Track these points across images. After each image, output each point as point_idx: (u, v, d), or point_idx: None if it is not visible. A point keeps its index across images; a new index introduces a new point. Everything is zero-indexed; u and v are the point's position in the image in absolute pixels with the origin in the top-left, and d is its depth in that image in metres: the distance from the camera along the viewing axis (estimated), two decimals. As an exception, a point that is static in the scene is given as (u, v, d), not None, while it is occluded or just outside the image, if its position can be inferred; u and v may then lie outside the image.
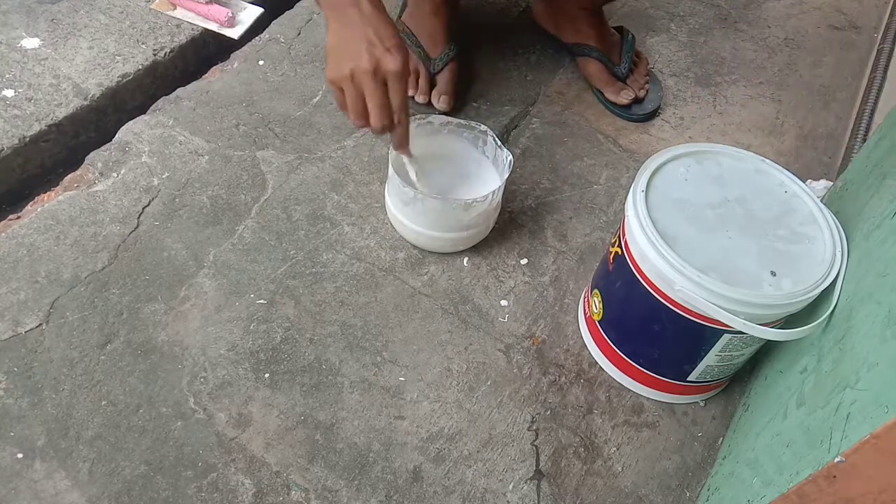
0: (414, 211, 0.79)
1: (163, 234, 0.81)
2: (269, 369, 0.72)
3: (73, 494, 0.62)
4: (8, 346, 0.70)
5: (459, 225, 0.79)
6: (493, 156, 0.85)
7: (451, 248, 0.84)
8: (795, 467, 0.51)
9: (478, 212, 0.78)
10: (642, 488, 0.70)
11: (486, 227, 0.84)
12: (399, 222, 0.82)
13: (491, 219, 0.83)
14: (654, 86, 1.06)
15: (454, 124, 0.85)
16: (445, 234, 0.81)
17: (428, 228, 0.80)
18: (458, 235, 0.81)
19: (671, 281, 0.62)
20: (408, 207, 0.79)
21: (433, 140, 0.85)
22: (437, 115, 0.84)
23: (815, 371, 0.59)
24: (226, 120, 0.93)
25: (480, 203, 0.76)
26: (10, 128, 0.87)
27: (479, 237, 0.84)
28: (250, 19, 1.07)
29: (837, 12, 1.32)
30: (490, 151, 0.85)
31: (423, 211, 0.78)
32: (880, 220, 0.61)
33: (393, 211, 0.82)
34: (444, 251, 0.84)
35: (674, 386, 0.73)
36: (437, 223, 0.79)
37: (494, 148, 0.83)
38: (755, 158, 0.71)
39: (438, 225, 0.79)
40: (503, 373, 0.76)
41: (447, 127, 0.85)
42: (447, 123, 0.84)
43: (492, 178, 0.85)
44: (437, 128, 0.85)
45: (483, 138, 0.84)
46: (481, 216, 0.80)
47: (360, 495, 0.65)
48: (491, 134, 0.83)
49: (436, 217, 0.79)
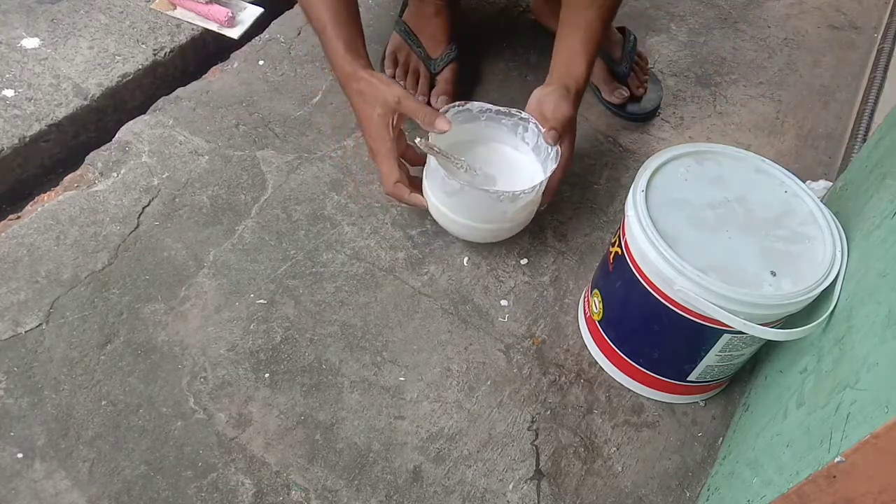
0: (458, 202, 0.77)
1: (163, 234, 0.81)
2: (269, 369, 0.72)
3: (73, 494, 0.62)
4: (8, 346, 0.70)
5: (504, 216, 0.78)
6: (535, 143, 0.82)
7: (493, 239, 0.83)
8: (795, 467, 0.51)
9: (523, 203, 0.77)
10: (642, 488, 0.70)
11: (528, 217, 0.82)
12: (440, 213, 0.80)
13: (534, 209, 0.82)
14: (653, 86, 1.06)
15: (493, 111, 0.82)
16: (487, 226, 0.79)
17: (470, 219, 0.78)
18: (501, 227, 0.80)
19: (671, 281, 0.62)
20: (451, 199, 0.77)
21: (471, 127, 0.83)
22: (476, 102, 0.82)
23: (815, 371, 0.59)
24: (226, 120, 0.93)
25: (527, 194, 0.75)
26: (10, 128, 0.87)
27: (520, 227, 0.83)
28: (250, 19, 1.07)
29: (837, 12, 1.32)
30: (531, 138, 0.82)
31: (467, 202, 0.76)
32: (880, 220, 0.61)
33: (434, 201, 0.80)
34: (483, 241, 0.84)
35: (674, 386, 0.73)
36: (481, 214, 0.78)
37: (536, 135, 0.80)
38: (755, 158, 0.71)
39: (481, 216, 0.78)
40: (503, 373, 0.76)
41: (486, 114, 0.82)
42: (486, 110, 0.82)
43: (532, 165, 0.83)
44: (475, 114, 0.82)
45: (524, 125, 0.82)
46: (526, 207, 0.79)
47: (360, 495, 0.65)
48: (532, 121, 0.80)
49: (480, 208, 0.77)
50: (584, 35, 0.82)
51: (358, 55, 0.78)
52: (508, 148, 0.85)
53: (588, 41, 0.82)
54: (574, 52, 0.82)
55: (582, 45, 0.82)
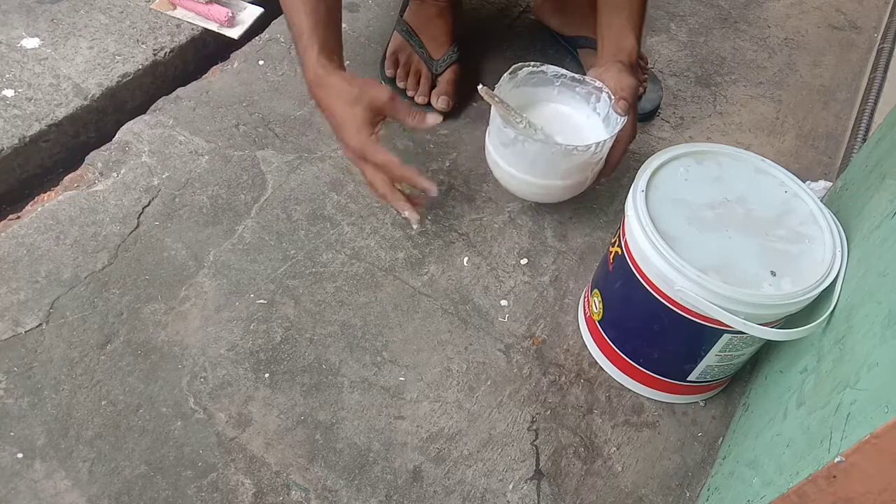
0: (513, 153, 0.76)
1: (163, 234, 0.81)
2: (269, 369, 0.72)
3: (73, 494, 0.62)
4: (8, 346, 0.70)
5: (557, 172, 0.77)
6: (606, 114, 0.81)
7: (543, 198, 0.82)
8: (795, 467, 0.51)
9: (578, 161, 0.75)
10: (642, 488, 0.70)
11: (583, 181, 0.80)
12: (497, 165, 0.79)
13: (589, 174, 0.80)
14: (653, 86, 1.06)
15: (568, 77, 0.81)
16: (541, 181, 0.78)
17: (524, 172, 0.77)
18: (554, 184, 0.78)
19: (671, 281, 0.62)
20: (507, 149, 0.76)
21: (543, 90, 0.82)
22: (551, 66, 0.81)
23: (815, 371, 0.59)
24: (226, 120, 0.93)
25: (582, 152, 0.73)
26: (10, 128, 0.87)
27: (574, 191, 0.81)
28: (250, 19, 1.07)
29: (837, 12, 1.32)
30: (602, 109, 0.81)
31: (523, 153, 0.75)
32: (880, 220, 0.61)
33: (492, 153, 0.79)
34: (536, 200, 0.83)
35: (674, 386, 0.73)
36: (535, 168, 0.77)
37: (608, 106, 0.79)
38: (755, 158, 0.71)
39: (535, 170, 0.77)
40: (503, 373, 0.76)
41: (560, 79, 0.82)
42: (560, 76, 0.81)
43: (601, 134, 0.81)
44: (549, 78, 0.81)
45: (597, 94, 0.81)
46: (580, 167, 0.77)
47: (360, 495, 0.65)
48: (606, 91, 0.79)
49: (534, 161, 0.76)
50: (627, 14, 0.82)
51: (333, 60, 0.77)
52: (579, 115, 0.84)
53: (632, 19, 0.82)
54: (621, 29, 0.82)
55: (628, 21, 0.82)
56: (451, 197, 0.90)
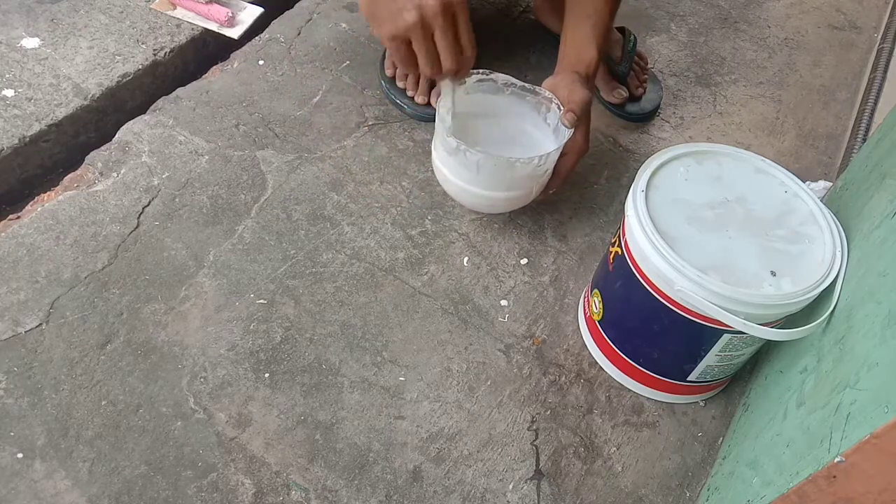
0: (457, 163, 0.75)
1: (163, 234, 0.81)
2: (269, 369, 0.72)
3: (73, 494, 0.62)
4: (8, 346, 0.70)
5: (502, 184, 0.76)
6: (556, 125, 0.80)
7: (488, 209, 0.81)
8: (795, 467, 0.51)
9: (522, 173, 0.75)
10: (642, 488, 0.70)
11: (528, 194, 0.80)
12: (443, 175, 0.79)
13: (535, 186, 0.79)
14: (653, 86, 1.06)
15: (518, 86, 0.81)
16: (484, 192, 0.77)
17: (469, 184, 0.77)
18: (498, 195, 0.78)
19: (671, 281, 0.62)
20: (451, 159, 0.76)
21: (492, 99, 0.81)
22: (501, 74, 0.80)
23: (815, 371, 0.59)
24: (226, 120, 0.93)
25: (525, 164, 0.73)
26: (10, 128, 0.87)
27: (518, 203, 0.80)
28: (250, 19, 1.07)
29: (837, 12, 1.32)
30: (552, 119, 0.80)
31: (466, 164, 0.75)
32: (880, 220, 0.61)
33: (437, 163, 0.79)
34: (480, 210, 0.82)
35: (674, 386, 0.73)
36: (480, 179, 0.76)
37: (558, 116, 0.78)
38: (755, 158, 0.71)
39: (480, 181, 0.76)
40: (503, 373, 0.76)
41: (510, 88, 0.81)
42: (510, 84, 0.80)
43: (549, 146, 0.81)
44: (498, 87, 0.80)
45: (547, 105, 0.80)
46: (525, 180, 0.76)
47: (360, 495, 0.65)
48: (556, 101, 0.78)
49: (478, 172, 0.75)
50: (593, 22, 0.81)
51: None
52: (528, 125, 0.83)
53: (597, 28, 0.81)
54: (584, 40, 0.81)
55: (591, 31, 0.81)
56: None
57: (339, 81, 1.01)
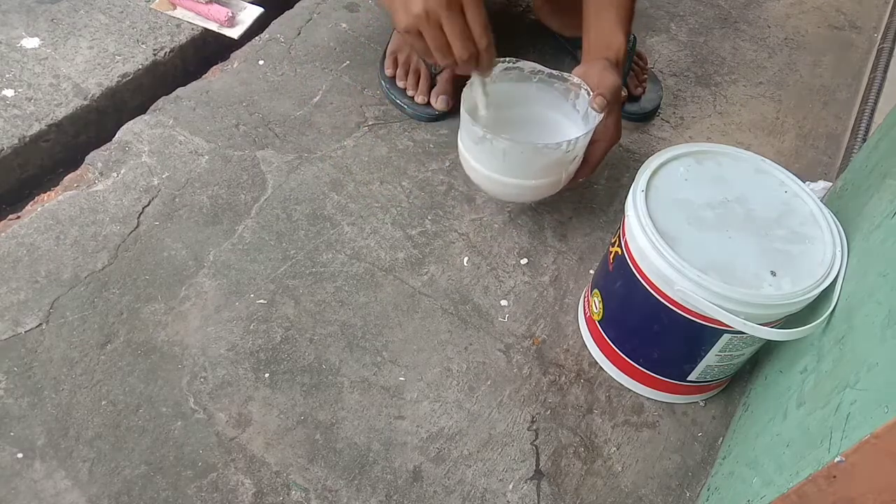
0: (482, 151, 0.74)
1: (163, 234, 0.81)
2: (269, 369, 0.72)
3: (73, 494, 0.62)
4: (8, 346, 0.70)
5: (528, 172, 0.74)
6: (585, 111, 0.78)
7: (517, 198, 0.80)
8: (795, 467, 0.51)
9: (550, 160, 0.73)
10: (642, 488, 0.70)
11: (557, 181, 0.78)
12: (469, 165, 0.77)
13: (563, 173, 0.77)
14: (653, 86, 1.06)
15: (545, 73, 0.79)
16: (512, 180, 0.76)
17: (495, 172, 0.75)
18: (526, 183, 0.76)
19: (671, 281, 0.62)
20: (477, 148, 0.74)
21: (520, 88, 0.80)
22: (528, 62, 0.79)
23: (815, 371, 0.59)
24: (226, 120, 0.93)
25: (553, 150, 0.71)
26: (10, 128, 0.87)
27: (548, 191, 0.79)
28: (250, 19, 1.07)
29: (837, 12, 1.32)
30: (582, 106, 0.79)
31: (493, 152, 0.73)
32: (880, 220, 0.61)
33: (464, 153, 0.77)
34: (509, 200, 0.81)
35: (674, 386, 0.73)
36: (507, 167, 0.74)
37: (587, 102, 0.77)
38: (755, 158, 0.71)
39: (507, 169, 0.75)
40: (503, 373, 0.76)
41: (537, 75, 0.80)
42: (538, 72, 0.79)
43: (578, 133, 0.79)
44: (525, 75, 0.79)
45: (576, 91, 0.79)
46: (553, 167, 0.74)
47: (360, 495, 0.65)
48: (585, 87, 0.77)
49: (504, 160, 0.73)
50: (617, 10, 0.81)
51: None
52: (556, 113, 0.82)
53: (621, 15, 0.81)
54: (610, 26, 0.80)
55: (616, 18, 0.80)
56: (451, 197, 0.90)
57: (339, 81, 1.01)
